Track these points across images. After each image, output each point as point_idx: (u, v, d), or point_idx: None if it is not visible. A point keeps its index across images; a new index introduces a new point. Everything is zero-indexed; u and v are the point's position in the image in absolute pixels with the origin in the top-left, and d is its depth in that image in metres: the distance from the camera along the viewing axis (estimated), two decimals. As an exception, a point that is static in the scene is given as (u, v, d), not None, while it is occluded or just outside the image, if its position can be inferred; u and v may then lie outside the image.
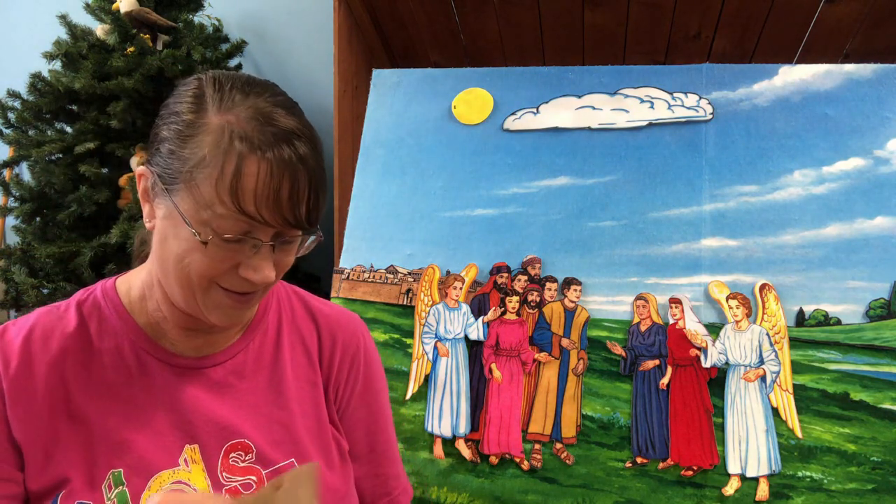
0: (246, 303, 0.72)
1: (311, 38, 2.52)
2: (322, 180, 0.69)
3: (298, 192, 0.66)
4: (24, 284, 1.93)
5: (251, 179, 0.63)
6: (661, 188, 1.57)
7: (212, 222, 0.65)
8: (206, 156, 0.64)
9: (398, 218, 1.68)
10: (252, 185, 0.63)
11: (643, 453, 1.40)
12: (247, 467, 0.77)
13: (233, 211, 0.64)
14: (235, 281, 0.69)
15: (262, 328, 0.84)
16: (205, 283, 0.69)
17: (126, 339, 0.76)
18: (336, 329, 0.88)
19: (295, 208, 0.66)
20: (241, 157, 0.63)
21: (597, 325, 1.52)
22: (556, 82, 1.71)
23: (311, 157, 0.67)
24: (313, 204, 0.68)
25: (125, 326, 0.77)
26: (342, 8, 1.99)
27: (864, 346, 1.39)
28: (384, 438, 0.92)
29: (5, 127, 2.08)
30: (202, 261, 0.67)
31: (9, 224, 2.47)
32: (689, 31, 2.04)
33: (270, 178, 0.64)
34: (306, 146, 0.67)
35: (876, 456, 1.31)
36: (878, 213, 1.45)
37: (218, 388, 0.79)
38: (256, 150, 0.64)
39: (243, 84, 0.69)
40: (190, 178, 0.65)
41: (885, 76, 1.53)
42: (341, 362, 0.87)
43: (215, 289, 0.70)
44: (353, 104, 2.07)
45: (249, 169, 0.63)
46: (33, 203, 2.04)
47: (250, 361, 0.81)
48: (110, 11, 2.09)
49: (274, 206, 0.65)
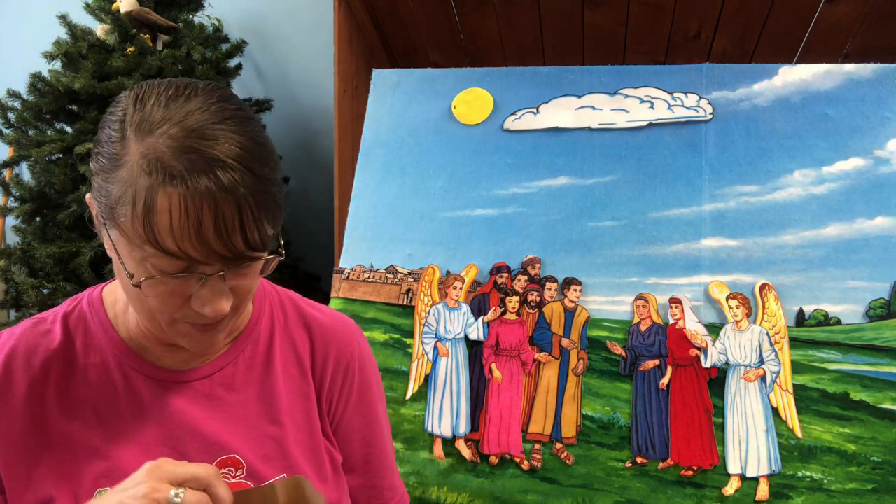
0: (213, 330, 0.69)
1: (311, 38, 2.52)
2: (261, 201, 0.60)
3: (226, 223, 0.58)
4: (24, 284, 1.93)
5: (164, 216, 0.57)
6: (661, 188, 1.57)
7: (147, 260, 0.60)
8: (122, 192, 0.58)
9: (398, 218, 1.68)
10: (167, 221, 0.57)
11: (643, 453, 1.40)
12: (237, 483, 0.75)
13: (156, 250, 0.58)
14: (192, 314, 0.65)
15: (254, 337, 0.81)
16: (166, 318, 0.66)
17: (111, 355, 0.74)
18: (330, 338, 0.85)
19: (226, 240, 0.59)
20: (151, 191, 0.57)
21: (597, 325, 1.52)
22: (556, 82, 1.71)
23: (240, 182, 0.58)
24: (250, 231, 0.60)
25: (110, 341, 0.75)
26: (342, 8, 1.99)
27: (864, 346, 1.38)
28: (380, 449, 0.89)
29: (5, 127, 2.08)
30: (150, 304, 0.64)
31: (9, 224, 2.47)
32: (689, 31, 2.04)
33: (186, 212, 0.57)
34: (232, 172, 0.58)
35: (876, 456, 1.31)
36: (878, 213, 1.45)
37: (207, 401, 0.76)
38: (167, 183, 0.57)
39: (168, 98, 0.61)
40: (115, 216, 0.60)
41: (885, 76, 1.53)
42: (335, 372, 0.84)
43: (179, 322, 0.67)
44: (353, 104, 2.07)
45: (161, 204, 0.57)
46: (33, 203, 2.04)
47: (240, 373, 0.79)
48: (110, 11, 2.09)
49: (198, 241, 0.58)
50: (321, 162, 2.51)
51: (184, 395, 0.75)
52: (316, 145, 2.56)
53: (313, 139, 2.57)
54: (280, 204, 0.64)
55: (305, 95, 2.57)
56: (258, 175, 0.60)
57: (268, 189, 0.61)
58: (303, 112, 2.57)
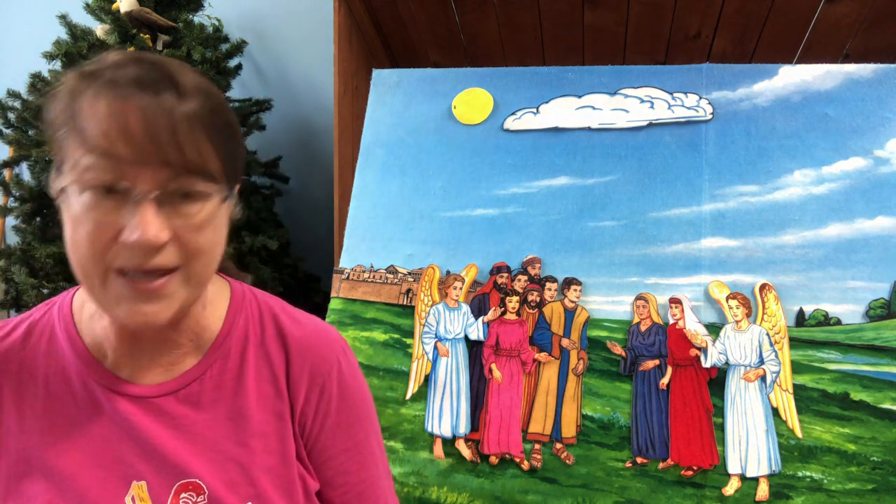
0: (152, 293, 0.62)
1: (311, 38, 2.52)
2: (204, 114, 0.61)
3: (154, 120, 0.58)
4: (24, 284, 1.93)
5: (98, 112, 0.58)
6: (661, 188, 1.57)
7: (81, 178, 0.59)
8: (60, 112, 0.60)
9: (398, 218, 1.68)
10: (99, 120, 0.58)
11: (643, 453, 1.40)
12: None
13: (91, 153, 0.58)
14: (125, 253, 0.60)
15: (223, 352, 0.75)
16: (100, 269, 0.61)
17: (71, 362, 0.70)
18: (306, 352, 0.78)
19: (154, 137, 0.58)
20: (84, 93, 0.59)
21: (597, 325, 1.52)
22: (556, 82, 1.71)
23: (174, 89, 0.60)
24: (186, 143, 0.59)
25: (72, 348, 0.71)
26: (342, 8, 1.99)
27: (864, 346, 1.39)
28: (362, 479, 0.81)
29: (5, 127, 2.08)
30: (85, 233, 0.60)
31: (9, 224, 2.47)
32: (689, 31, 2.04)
33: (118, 110, 0.58)
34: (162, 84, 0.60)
35: (876, 456, 1.31)
36: (878, 213, 1.45)
37: (170, 419, 0.71)
38: (103, 88, 0.59)
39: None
40: (57, 147, 0.61)
41: (885, 76, 1.53)
42: (309, 390, 0.77)
43: (112, 278, 0.62)
44: (353, 104, 2.07)
45: (96, 103, 0.58)
46: (33, 203, 2.03)
47: (208, 390, 0.73)
48: (110, 11, 2.09)
49: (128, 139, 0.57)
50: (321, 162, 2.51)
51: (146, 412, 0.70)
52: (316, 145, 2.56)
53: (313, 139, 2.57)
54: (229, 136, 0.64)
55: (305, 95, 2.57)
56: (194, 92, 0.61)
57: (211, 110, 0.62)
58: (303, 112, 2.57)
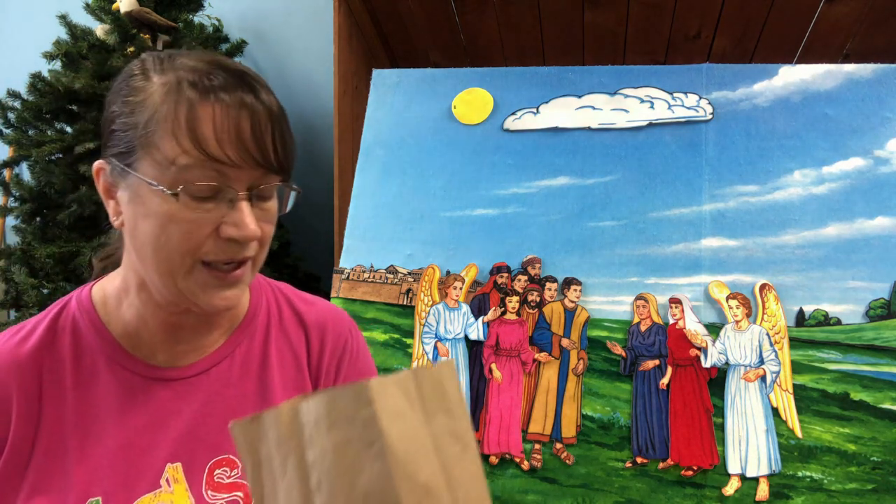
0: (233, 280, 0.67)
1: (311, 38, 2.52)
2: (285, 122, 0.67)
3: (261, 129, 0.64)
4: (24, 284, 1.93)
5: (208, 121, 0.62)
6: (661, 188, 1.57)
7: (178, 179, 0.62)
8: (159, 110, 0.62)
9: (398, 218, 1.68)
10: (210, 126, 0.61)
11: (643, 453, 1.40)
12: (232, 483, 0.73)
13: (197, 156, 0.61)
14: (218, 247, 0.65)
15: (250, 331, 0.79)
16: (188, 262, 0.65)
17: (102, 355, 0.72)
18: (324, 331, 0.84)
19: (261, 147, 0.64)
20: (192, 101, 0.62)
21: (597, 325, 1.52)
22: (556, 82, 1.71)
23: (270, 98, 0.66)
24: (280, 145, 0.65)
25: (101, 341, 0.73)
26: (342, 8, 1.99)
27: (864, 346, 1.39)
28: None
29: (5, 127, 2.08)
30: (179, 231, 0.63)
31: (9, 224, 2.47)
32: (689, 31, 2.04)
33: (227, 117, 0.62)
34: (262, 88, 0.66)
35: (876, 456, 1.31)
36: (878, 213, 1.45)
37: (203, 398, 0.74)
38: (209, 92, 0.62)
39: (184, 52, 0.68)
40: (147, 140, 0.62)
41: (885, 76, 1.53)
42: (329, 365, 0.83)
43: (198, 268, 0.66)
44: (353, 104, 2.07)
45: (205, 112, 0.62)
46: (33, 203, 2.04)
47: (236, 367, 0.77)
48: (110, 11, 2.09)
49: (237, 144, 0.62)
50: (321, 162, 2.51)
51: (180, 394, 0.73)
52: (316, 145, 2.56)
53: (313, 139, 2.57)
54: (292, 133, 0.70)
55: (305, 95, 2.57)
56: (276, 98, 0.67)
57: (285, 113, 0.68)
58: (303, 112, 2.57)
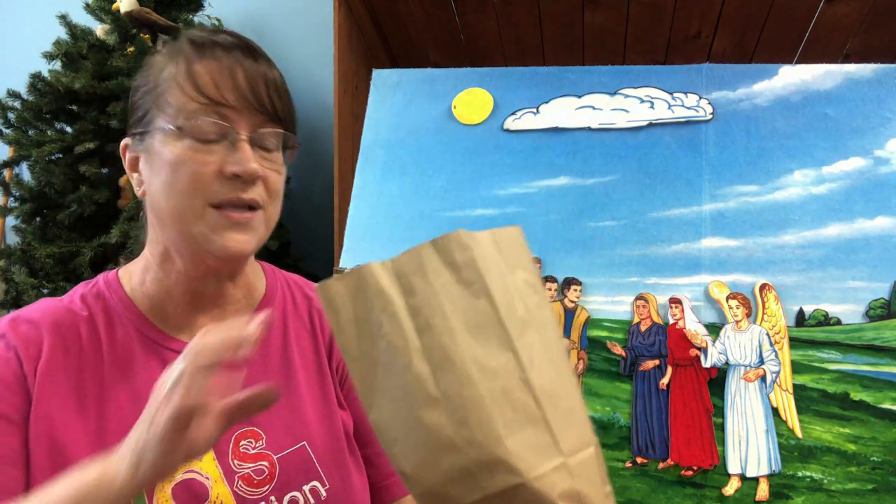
0: (243, 222, 0.72)
1: (311, 38, 2.52)
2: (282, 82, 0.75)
3: (255, 78, 0.72)
4: (24, 284, 1.93)
5: (208, 68, 0.70)
6: (661, 188, 1.57)
7: (186, 127, 0.69)
8: (165, 68, 0.72)
9: (398, 218, 1.68)
10: (208, 74, 0.70)
11: (643, 453, 1.40)
12: (258, 454, 0.77)
13: (200, 101, 0.69)
14: (225, 187, 0.70)
15: (271, 307, 0.84)
16: (198, 205, 0.70)
17: (132, 327, 0.76)
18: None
19: (255, 91, 0.71)
20: (193, 54, 0.71)
21: (597, 325, 1.52)
22: (556, 82, 1.71)
23: (266, 63, 0.75)
24: (275, 92, 0.73)
25: (130, 315, 0.77)
26: (342, 8, 1.99)
27: (864, 346, 1.38)
28: None
29: (5, 127, 2.08)
30: (187, 173, 0.69)
31: (9, 224, 2.47)
32: (689, 31, 2.04)
33: (224, 67, 0.71)
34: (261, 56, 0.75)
35: (876, 456, 1.31)
36: (878, 213, 1.45)
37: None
38: (206, 49, 0.72)
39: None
40: (158, 99, 0.71)
41: (885, 76, 1.53)
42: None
43: (209, 211, 0.71)
44: (353, 104, 2.07)
45: (205, 61, 0.71)
46: (33, 203, 2.03)
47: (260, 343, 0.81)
48: (110, 11, 2.09)
49: (234, 89, 0.70)
50: (321, 162, 2.51)
51: None
52: (316, 145, 2.56)
53: (313, 139, 2.57)
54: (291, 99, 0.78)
55: (305, 95, 2.57)
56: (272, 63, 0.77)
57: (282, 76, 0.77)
58: (303, 112, 2.55)
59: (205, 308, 0.79)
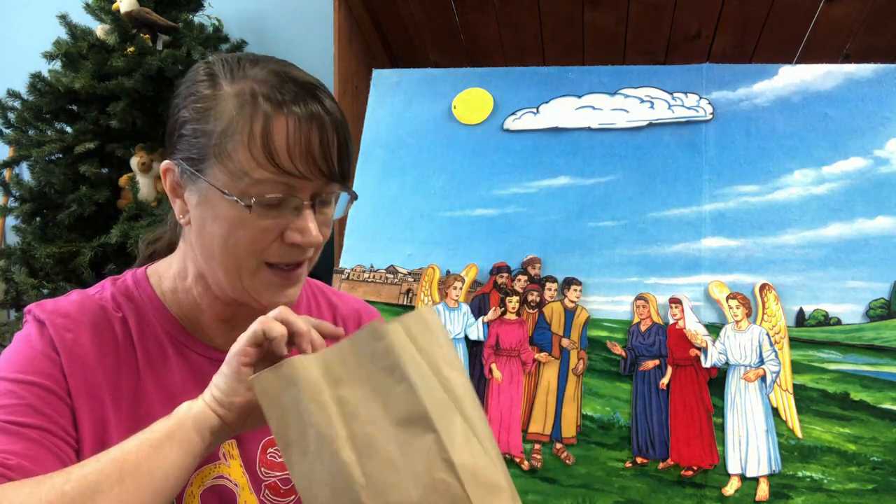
0: (294, 279, 0.72)
1: (311, 38, 2.52)
2: (347, 131, 0.70)
3: (328, 142, 0.66)
4: (24, 284, 1.93)
5: (282, 136, 0.64)
6: (661, 188, 1.57)
7: (250, 190, 0.65)
8: (233, 121, 0.65)
9: (398, 218, 1.68)
10: (283, 140, 0.64)
11: (643, 453, 1.40)
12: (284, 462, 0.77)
13: (270, 170, 0.64)
14: (283, 251, 0.69)
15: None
16: (252, 263, 0.68)
17: (162, 330, 0.75)
18: (359, 321, 0.90)
19: (327, 159, 0.66)
20: (267, 115, 0.64)
21: (597, 325, 1.52)
22: (556, 82, 1.71)
23: (334, 107, 0.68)
24: (344, 154, 0.69)
25: (162, 318, 0.75)
26: (342, 8, 1.99)
27: (864, 346, 1.38)
28: None
29: (5, 127, 2.08)
30: (247, 235, 0.67)
31: (9, 224, 2.47)
32: (689, 31, 2.04)
33: (300, 131, 0.65)
34: (328, 98, 0.68)
35: (876, 456, 1.31)
36: (878, 213, 1.45)
37: None
38: (282, 106, 0.65)
39: (250, 57, 0.70)
40: (219, 150, 0.65)
41: (885, 76, 1.53)
42: None
43: (263, 269, 0.69)
44: (353, 104, 2.07)
45: (278, 126, 0.64)
46: (33, 203, 2.04)
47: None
48: (110, 11, 2.09)
49: (308, 158, 0.65)
50: (321, 162, 2.51)
51: None
52: (316, 145, 2.56)
53: (313, 139, 2.57)
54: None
55: (305, 95, 2.57)
56: (339, 107, 0.70)
57: (346, 121, 0.70)
58: (303, 112, 2.56)
59: (238, 324, 0.76)
